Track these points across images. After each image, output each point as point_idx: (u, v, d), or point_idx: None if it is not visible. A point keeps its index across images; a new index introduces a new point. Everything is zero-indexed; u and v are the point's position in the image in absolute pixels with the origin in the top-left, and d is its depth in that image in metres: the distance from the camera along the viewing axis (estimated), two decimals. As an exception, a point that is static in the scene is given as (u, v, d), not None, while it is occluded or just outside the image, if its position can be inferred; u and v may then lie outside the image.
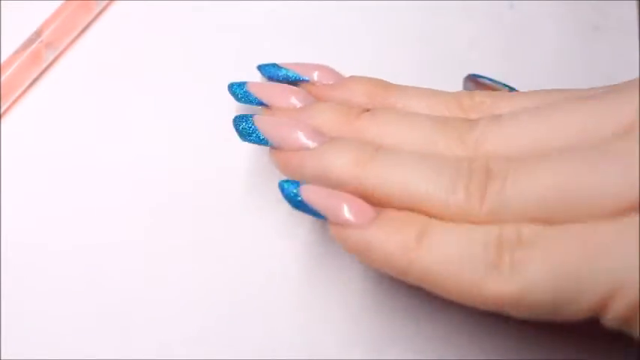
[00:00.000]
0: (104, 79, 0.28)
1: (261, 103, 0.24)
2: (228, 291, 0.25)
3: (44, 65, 0.27)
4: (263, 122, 0.23)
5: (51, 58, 0.27)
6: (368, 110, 0.23)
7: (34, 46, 0.27)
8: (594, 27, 0.29)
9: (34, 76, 0.27)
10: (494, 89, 0.25)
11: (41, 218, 0.26)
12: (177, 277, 0.25)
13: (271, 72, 0.26)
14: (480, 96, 0.23)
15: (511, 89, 0.25)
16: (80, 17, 0.28)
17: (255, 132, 0.23)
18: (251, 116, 0.23)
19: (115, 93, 0.28)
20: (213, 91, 0.28)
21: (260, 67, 0.26)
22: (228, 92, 0.25)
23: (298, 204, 0.21)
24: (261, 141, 0.23)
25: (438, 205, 0.20)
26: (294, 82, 0.25)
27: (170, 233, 0.26)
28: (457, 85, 0.28)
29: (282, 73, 0.25)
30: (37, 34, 0.27)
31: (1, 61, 0.27)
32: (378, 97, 0.24)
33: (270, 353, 0.24)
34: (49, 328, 0.25)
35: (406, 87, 0.24)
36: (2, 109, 0.27)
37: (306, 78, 0.25)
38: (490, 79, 0.25)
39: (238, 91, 0.25)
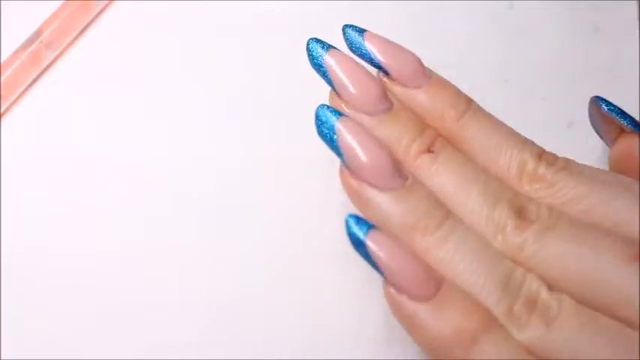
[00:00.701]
0: (104, 79, 0.28)
1: (330, 83, 0.23)
2: (228, 291, 0.25)
3: (44, 65, 0.27)
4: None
5: (51, 58, 0.27)
6: (431, 151, 0.22)
7: (34, 46, 0.27)
8: (594, 27, 0.29)
9: (34, 76, 0.27)
10: (613, 122, 0.24)
11: (41, 218, 0.26)
12: (177, 278, 0.25)
13: (355, 43, 0.24)
14: (545, 168, 0.22)
15: (634, 126, 0.24)
16: (80, 17, 0.28)
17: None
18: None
19: (114, 93, 0.28)
20: (213, 90, 0.28)
21: (345, 29, 0.24)
22: (306, 49, 0.23)
23: (361, 249, 0.20)
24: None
25: (488, 307, 0.20)
26: (375, 66, 0.23)
27: (170, 234, 0.26)
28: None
29: (366, 54, 0.23)
30: (37, 34, 0.27)
31: (1, 61, 0.27)
32: (456, 113, 0.23)
33: (270, 353, 0.24)
34: (48, 329, 0.25)
35: (482, 115, 0.23)
36: (2, 109, 0.27)
37: (389, 71, 0.23)
38: (615, 110, 0.24)
39: (316, 55, 0.23)
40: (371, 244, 0.20)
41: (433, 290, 0.20)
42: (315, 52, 0.23)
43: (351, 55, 0.23)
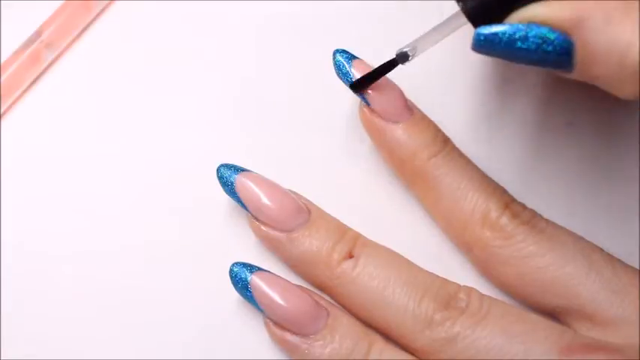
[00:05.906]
0: (104, 79, 0.28)
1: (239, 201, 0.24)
2: (228, 292, 0.25)
3: (44, 65, 0.27)
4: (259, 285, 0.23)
5: (51, 58, 0.27)
6: (352, 256, 0.23)
7: (34, 46, 0.27)
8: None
9: (34, 76, 0.27)
10: None
11: (40, 219, 0.26)
12: (177, 280, 0.25)
13: (341, 68, 0.24)
14: (508, 220, 0.23)
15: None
16: (80, 17, 0.28)
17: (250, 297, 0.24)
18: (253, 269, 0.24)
19: (114, 93, 0.28)
20: (213, 91, 0.28)
21: (335, 54, 0.25)
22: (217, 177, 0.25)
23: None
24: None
25: None
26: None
27: (171, 235, 0.26)
28: (455, 86, 0.27)
29: (350, 81, 0.24)
30: (37, 34, 0.27)
31: (1, 61, 0.27)
32: (429, 153, 0.24)
33: (269, 354, 0.24)
34: (48, 329, 0.25)
35: (456, 158, 0.24)
36: (2, 109, 0.27)
37: (370, 104, 0.24)
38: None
39: (226, 178, 0.24)
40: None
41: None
42: (226, 176, 0.24)
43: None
